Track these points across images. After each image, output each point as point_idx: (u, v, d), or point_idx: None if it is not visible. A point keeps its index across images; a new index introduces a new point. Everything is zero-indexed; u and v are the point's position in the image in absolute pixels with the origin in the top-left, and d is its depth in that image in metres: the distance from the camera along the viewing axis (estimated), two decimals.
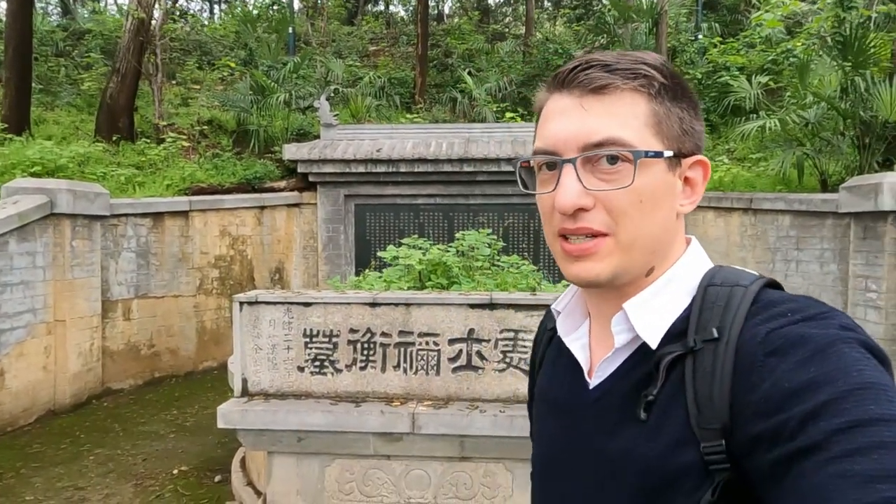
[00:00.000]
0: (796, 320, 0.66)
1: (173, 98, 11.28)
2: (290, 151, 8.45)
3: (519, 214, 8.45)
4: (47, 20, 15.37)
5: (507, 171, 8.20)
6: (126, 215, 7.01)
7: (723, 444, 0.65)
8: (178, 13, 15.82)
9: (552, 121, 0.77)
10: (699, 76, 11.20)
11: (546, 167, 0.78)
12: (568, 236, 0.76)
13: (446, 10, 22.06)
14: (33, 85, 9.40)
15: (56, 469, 4.89)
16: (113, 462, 5.04)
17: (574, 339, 0.86)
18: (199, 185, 8.22)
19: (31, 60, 9.22)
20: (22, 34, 8.68)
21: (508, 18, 21.34)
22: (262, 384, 3.53)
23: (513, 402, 3.41)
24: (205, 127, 10.04)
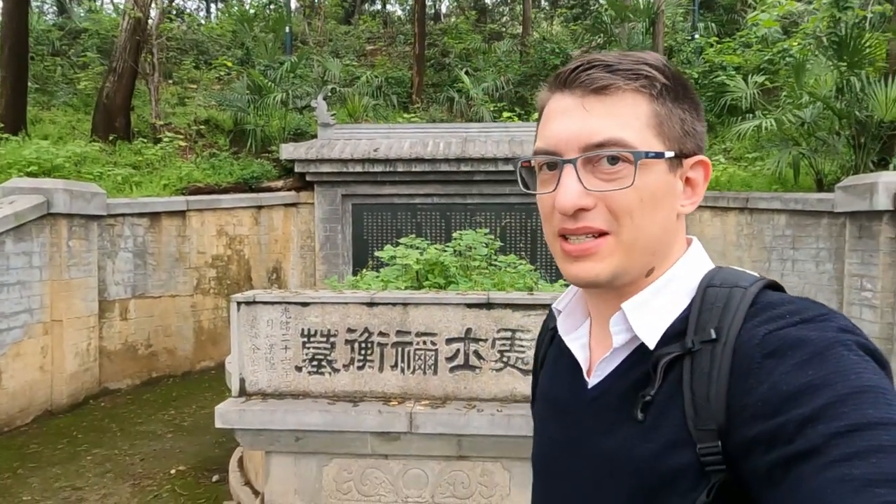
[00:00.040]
0: (794, 322, 0.65)
1: (170, 97, 11.26)
2: (288, 151, 8.45)
3: (516, 214, 8.46)
4: (43, 19, 15.32)
5: (504, 171, 8.21)
6: (123, 215, 7.00)
7: (719, 445, 0.65)
8: (174, 12, 15.79)
9: (553, 121, 0.77)
10: (696, 76, 11.23)
11: (547, 167, 0.77)
12: (568, 236, 0.76)
13: (443, 10, 22.08)
14: (29, 84, 9.37)
15: (53, 469, 4.89)
16: (110, 462, 5.04)
17: (574, 339, 0.86)
18: (196, 185, 8.21)
19: (28, 60, 9.20)
20: (18, 33, 8.66)
21: (505, 18, 21.34)
22: (259, 384, 3.54)
23: (510, 401, 3.42)
24: (202, 126, 10.03)
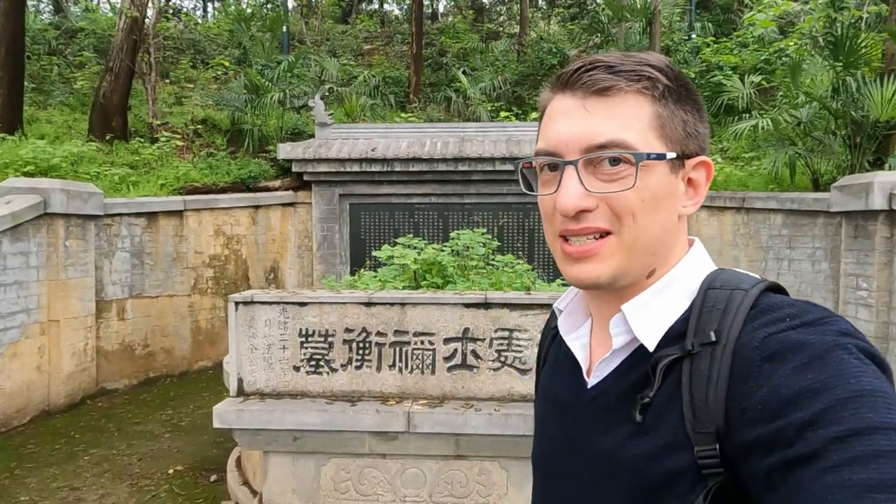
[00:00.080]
0: (794, 325, 0.65)
1: (167, 97, 11.25)
2: (285, 151, 8.45)
3: (513, 214, 8.47)
4: (39, 18, 15.28)
5: (501, 171, 8.22)
6: (120, 215, 6.99)
7: (717, 448, 0.65)
8: (171, 11, 15.76)
9: (555, 121, 0.77)
10: (692, 75, 11.24)
11: (548, 168, 0.77)
12: (568, 237, 0.76)
13: (441, 9, 22.08)
14: (26, 84, 9.35)
15: (51, 469, 4.89)
16: (108, 462, 5.04)
17: (574, 339, 0.86)
18: (194, 185, 8.20)
19: (24, 59, 9.17)
20: (14, 33, 8.64)
21: (503, 17, 21.35)
22: (257, 384, 3.54)
23: (507, 400, 3.44)
24: (199, 126, 10.02)
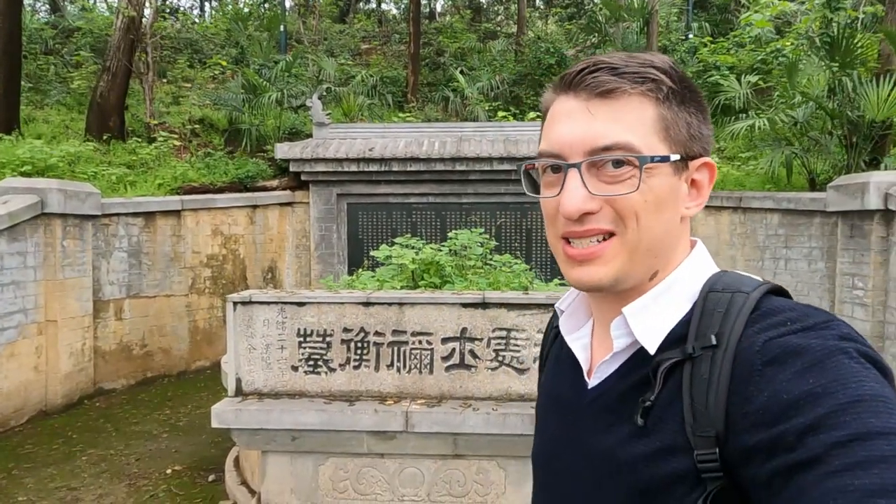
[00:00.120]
0: (795, 329, 0.65)
1: (164, 97, 11.23)
2: (283, 150, 8.45)
3: (511, 213, 8.48)
4: (36, 18, 15.24)
5: (499, 171, 8.23)
6: (117, 215, 6.98)
7: (716, 452, 0.65)
8: (168, 11, 15.74)
9: (558, 123, 0.77)
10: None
11: (551, 170, 0.77)
12: (571, 240, 0.76)
13: (438, 9, 22.08)
14: (22, 83, 9.33)
15: (48, 470, 4.88)
16: (106, 462, 5.03)
17: (576, 339, 0.86)
18: (191, 185, 8.20)
19: (20, 59, 9.15)
20: (11, 32, 8.62)
21: (500, 17, 21.35)
22: (255, 384, 3.55)
23: (505, 400, 3.45)
24: (196, 126, 10.01)
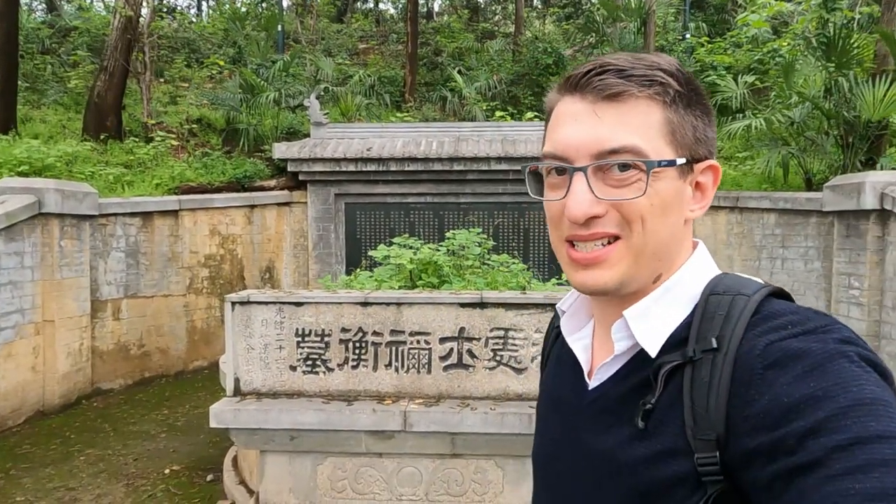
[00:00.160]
0: (796, 333, 0.65)
1: (161, 96, 11.22)
2: (280, 150, 8.45)
3: (509, 213, 8.50)
4: (32, 17, 15.21)
5: (497, 170, 8.24)
6: (115, 215, 6.97)
7: (717, 455, 0.65)
8: (165, 10, 15.71)
9: (564, 125, 0.76)
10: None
11: (555, 172, 0.77)
12: (575, 243, 0.75)
13: (436, 8, 22.08)
14: (19, 83, 9.31)
15: (46, 470, 4.88)
16: (104, 462, 5.03)
17: (576, 340, 0.86)
18: (189, 185, 8.19)
19: (17, 58, 9.14)
20: (8, 32, 8.60)
21: (498, 17, 21.36)
22: (254, 383, 3.56)
23: (503, 399, 3.46)
24: (194, 125, 10.00)
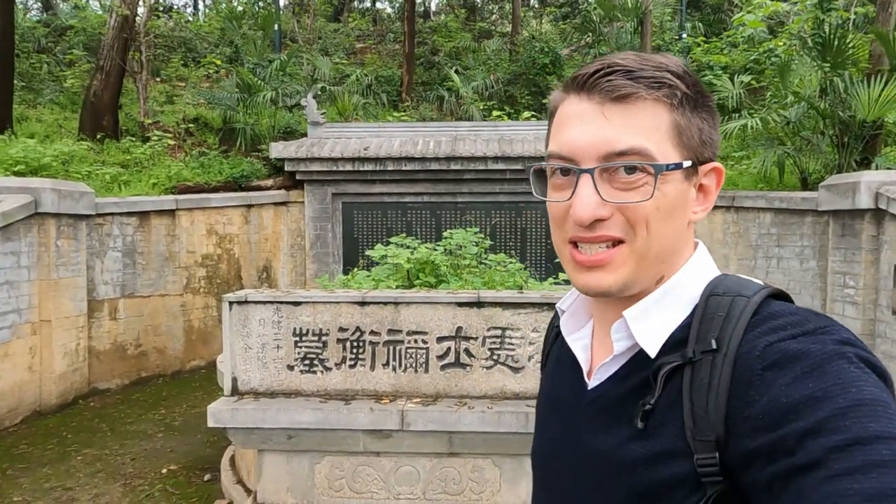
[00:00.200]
0: (795, 334, 0.65)
1: (158, 96, 11.20)
2: (277, 150, 8.44)
3: (506, 213, 8.51)
4: (28, 16, 15.16)
5: (494, 170, 8.25)
6: (112, 214, 6.97)
7: (716, 456, 0.65)
8: (161, 9, 15.67)
9: (570, 126, 0.75)
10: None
11: (560, 172, 0.76)
12: (579, 245, 0.75)
13: (433, 8, 22.06)
14: (15, 82, 9.28)
15: (43, 469, 4.88)
16: (101, 462, 5.03)
17: (576, 339, 0.86)
18: (186, 184, 8.18)
19: (13, 58, 9.11)
20: (3, 31, 8.58)
21: (495, 16, 21.37)
22: (251, 383, 3.56)
23: (500, 398, 3.47)
24: (191, 125, 9.99)
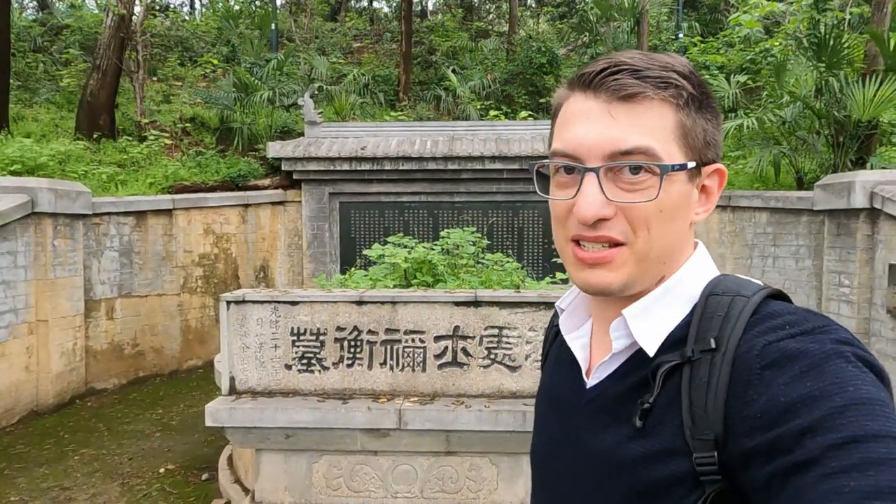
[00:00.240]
0: (794, 334, 0.65)
1: (155, 95, 11.17)
2: (275, 149, 8.44)
3: (503, 212, 8.52)
4: (24, 15, 15.11)
5: (491, 169, 8.27)
6: (108, 214, 6.96)
7: (715, 455, 0.65)
8: (158, 8, 15.64)
9: (575, 124, 0.75)
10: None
11: (564, 170, 0.76)
12: (582, 242, 0.75)
13: (430, 7, 22.06)
14: (11, 81, 9.25)
15: (41, 469, 4.88)
16: (98, 462, 5.03)
17: (575, 338, 0.86)
18: (183, 184, 8.18)
19: (9, 57, 9.08)
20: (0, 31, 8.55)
21: (492, 16, 21.39)
22: (249, 382, 3.57)
23: (497, 397, 3.49)
24: (187, 124, 9.98)
